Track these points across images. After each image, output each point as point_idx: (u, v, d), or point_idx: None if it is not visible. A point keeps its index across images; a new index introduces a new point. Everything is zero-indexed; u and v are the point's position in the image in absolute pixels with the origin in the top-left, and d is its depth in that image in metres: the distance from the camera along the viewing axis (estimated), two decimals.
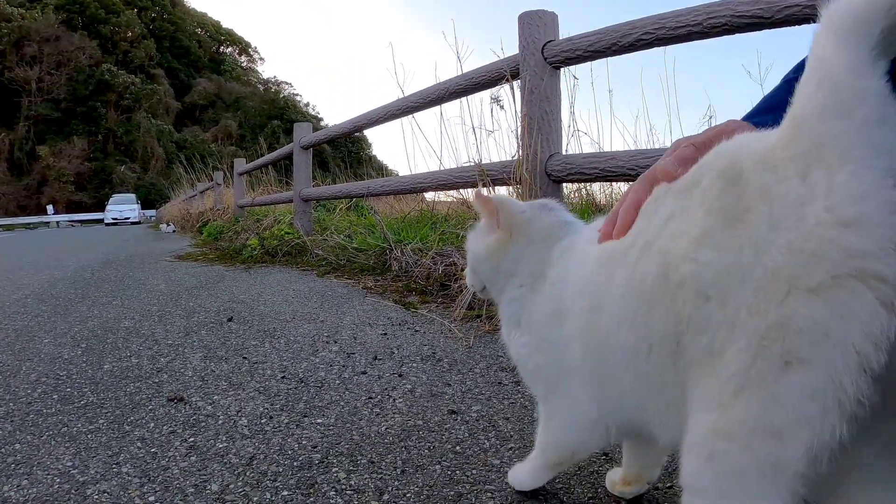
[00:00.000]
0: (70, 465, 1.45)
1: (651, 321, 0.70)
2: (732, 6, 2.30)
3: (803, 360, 0.54)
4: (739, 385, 0.58)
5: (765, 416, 0.57)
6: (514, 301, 1.11)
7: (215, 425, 1.67)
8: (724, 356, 0.60)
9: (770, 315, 0.56)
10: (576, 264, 0.97)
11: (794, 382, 0.55)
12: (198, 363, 2.30)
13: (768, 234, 0.58)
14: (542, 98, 3.23)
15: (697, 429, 0.64)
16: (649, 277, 0.70)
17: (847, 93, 0.57)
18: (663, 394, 0.73)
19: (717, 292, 0.61)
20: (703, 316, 0.62)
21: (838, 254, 0.53)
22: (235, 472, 1.38)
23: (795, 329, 0.54)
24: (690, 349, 0.65)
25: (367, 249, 5.05)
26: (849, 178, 0.54)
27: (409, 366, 2.20)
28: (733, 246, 0.60)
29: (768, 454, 0.57)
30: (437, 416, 1.69)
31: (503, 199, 1.16)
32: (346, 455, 1.46)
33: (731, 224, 0.61)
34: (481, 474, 1.34)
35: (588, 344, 0.88)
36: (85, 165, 61.47)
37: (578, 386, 0.96)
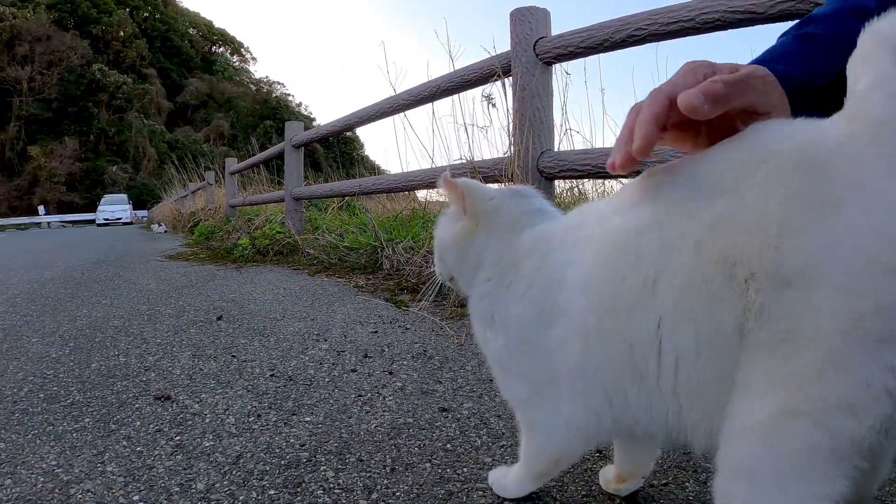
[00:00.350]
0: (55, 464, 1.42)
1: (716, 320, 0.69)
2: (725, 1, 2.29)
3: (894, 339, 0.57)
4: (824, 365, 0.59)
5: (845, 392, 0.58)
6: (485, 298, 1.06)
7: (202, 424, 1.65)
8: (806, 339, 0.60)
9: (865, 297, 0.58)
10: (563, 257, 0.92)
11: (882, 361, 0.57)
12: (186, 362, 2.28)
13: (867, 222, 0.59)
14: (533, 94, 3.22)
15: (756, 411, 0.63)
16: (713, 279, 0.69)
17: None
18: (716, 393, 0.71)
19: (801, 278, 0.61)
20: (781, 303, 0.62)
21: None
22: (221, 470, 1.36)
23: (890, 309, 0.57)
24: (753, 336, 0.65)
25: (359, 248, 5.04)
26: None
27: (399, 363, 2.18)
28: (824, 232, 0.61)
29: (843, 428, 0.58)
30: (428, 414, 1.67)
31: (470, 183, 1.10)
32: (335, 453, 1.43)
33: (820, 211, 0.62)
34: (472, 472, 1.32)
35: (598, 350, 0.84)
36: (76, 166, 61.32)
37: (569, 393, 0.93)
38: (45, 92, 63.88)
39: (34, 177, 59.44)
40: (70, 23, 70.32)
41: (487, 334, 1.07)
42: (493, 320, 1.04)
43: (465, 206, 1.08)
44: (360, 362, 2.21)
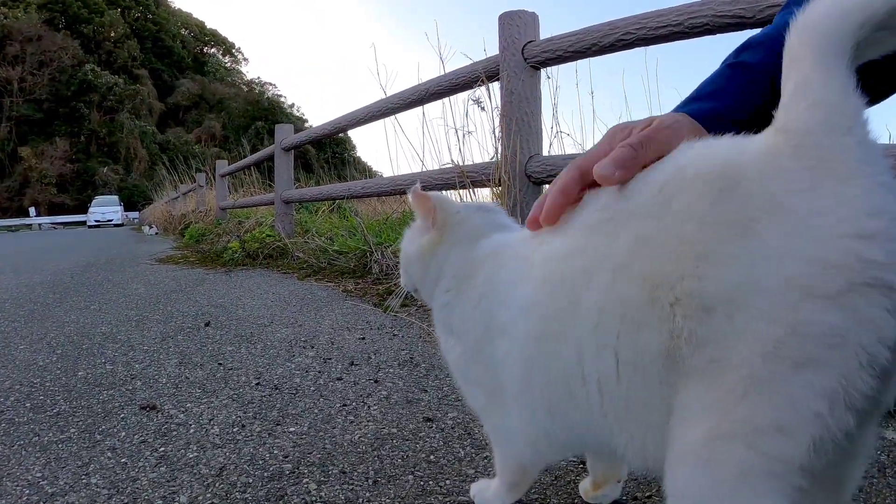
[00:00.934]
0: (40, 476, 1.42)
1: (638, 344, 0.69)
2: (713, 6, 2.29)
3: (816, 361, 0.56)
4: (747, 388, 0.59)
5: (771, 414, 0.58)
6: (444, 307, 1.07)
7: (187, 434, 1.64)
8: (730, 363, 0.60)
9: (785, 321, 0.57)
10: (509, 275, 0.93)
11: (805, 382, 0.57)
12: (172, 370, 2.27)
13: (784, 244, 0.59)
14: (521, 99, 3.22)
15: (690, 437, 0.63)
16: (633, 301, 0.69)
17: (843, 113, 0.61)
18: (643, 416, 0.72)
19: (723, 304, 0.61)
20: (707, 328, 0.62)
21: (858, 263, 0.55)
22: (205, 483, 1.36)
23: (810, 333, 0.56)
24: (688, 362, 0.64)
25: (348, 252, 5.03)
26: (862, 192, 0.57)
27: (385, 371, 2.18)
28: (743, 257, 0.61)
29: (773, 449, 0.58)
30: (412, 424, 1.67)
31: (441, 197, 1.11)
32: (318, 465, 1.43)
33: (737, 235, 0.61)
34: (455, 485, 1.32)
35: (538, 373, 0.85)
36: (67, 167, 61.18)
37: (516, 408, 0.94)
38: (36, 92, 63.74)
39: (25, 178, 59.27)
40: (61, 23, 70.16)
41: (448, 343, 1.08)
42: (452, 329, 1.06)
43: (434, 219, 1.09)
44: (346, 370, 2.20)
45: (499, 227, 1.08)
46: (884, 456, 1.40)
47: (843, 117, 0.60)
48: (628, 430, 0.75)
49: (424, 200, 1.10)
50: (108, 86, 65.98)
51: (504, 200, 3.24)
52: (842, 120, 0.60)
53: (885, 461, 1.38)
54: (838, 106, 0.61)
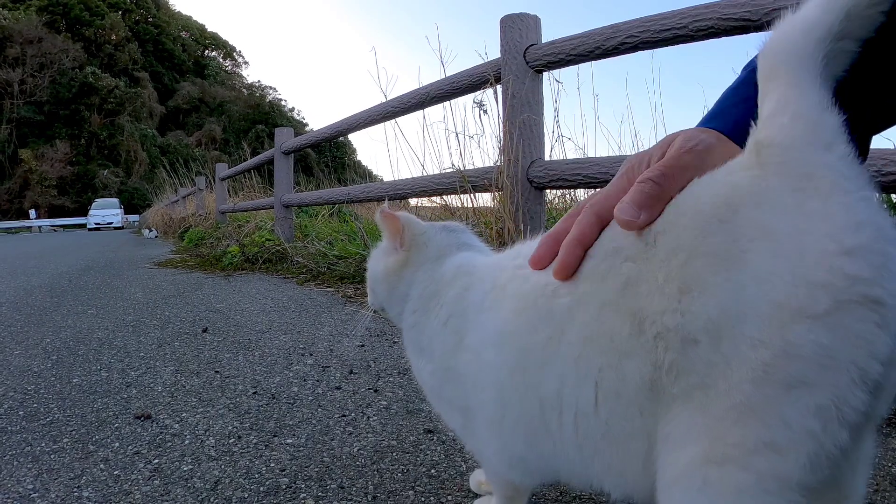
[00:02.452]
0: (31, 489, 1.39)
1: (621, 374, 0.68)
2: (719, 9, 2.27)
3: (808, 382, 0.56)
4: (738, 414, 0.58)
5: (765, 435, 0.57)
6: (413, 328, 1.07)
7: (181, 445, 1.61)
8: (717, 390, 0.60)
9: (774, 344, 0.57)
10: (478, 299, 0.92)
11: (798, 402, 0.56)
12: (168, 377, 2.24)
13: (771, 267, 0.58)
14: (523, 103, 3.19)
15: (681, 461, 0.62)
16: (618, 334, 0.68)
17: (823, 128, 0.61)
18: (622, 445, 0.71)
19: (708, 335, 0.61)
20: (691, 358, 0.62)
21: (843, 281, 0.55)
22: (199, 497, 1.32)
23: (800, 355, 0.56)
24: (669, 391, 0.64)
25: (348, 257, 5.01)
26: (844, 208, 0.57)
27: (385, 380, 2.14)
28: (731, 287, 0.60)
29: (769, 468, 0.57)
30: (413, 436, 1.64)
31: (409, 217, 1.11)
32: (315, 479, 1.40)
33: (726, 266, 0.61)
34: (457, 500, 1.29)
35: (513, 403, 0.84)
36: (67, 169, 61.18)
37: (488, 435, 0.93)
38: (37, 95, 63.77)
39: (25, 180, 59.30)
40: (62, 25, 70.24)
41: (419, 363, 1.07)
42: (421, 349, 1.05)
43: (402, 240, 1.09)
44: (346, 378, 2.17)
45: (463, 247, 1.09)
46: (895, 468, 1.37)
47: (824, 132, 0.61)
48: (605, 460, 0.74)
49: (392, 220, 1.10)
50: (109, 88, 66.04)
51: (506, 205, 3.22)
52: (822, 135, 0.61)
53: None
54: (818, 121, 0.61)
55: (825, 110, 0.61)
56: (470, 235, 1.14)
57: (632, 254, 0.70)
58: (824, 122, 0.61)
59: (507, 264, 0.92)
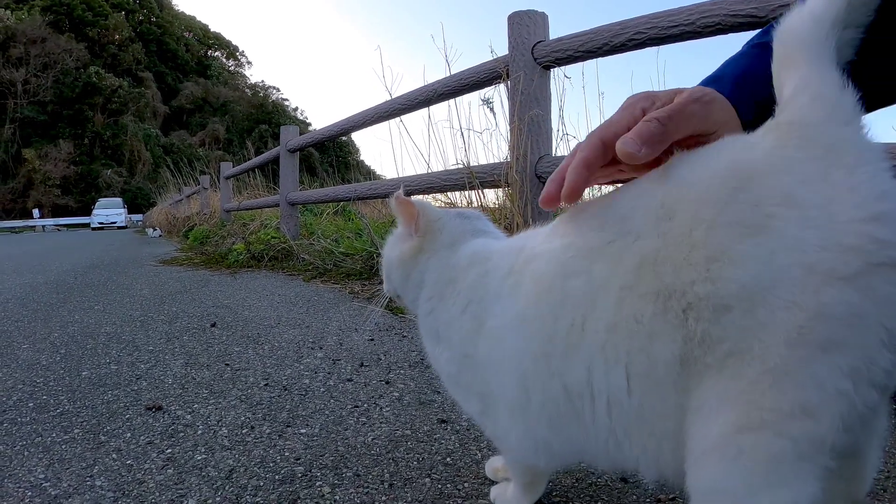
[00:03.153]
0: (42, 478, 1.38)
1: (651, 355, 0.69)
2: (726, 5, 2.27)
3: (840, 342, 0.57)
4: (773, 377, 0.60)
5: (800, 398, 0.59)
6: (429, 315, 1.07)
7: (194, 436, 1.61)
8: (752, 355, 0.61)
9: (807, 306, 0.58)
10: (496, 285, 0.92)
11: (830, 363, 0.58)
12: (178, 370, 2.24)
13: (801, 234, 0.60)
14: (531, 99, 3.19)
15: (713, 432, 0.63)
16: (643, 317, 0.69)
17: (842, 106, 0.64)
18: (657, 426, 0.71)
19: (741, 301, 0.61)
20: (724, 325, 0.63)
21: (873, 244, 0.57)
22: (214, 485, 1.32)
23: (832, 315, 0.57)
24: (700, 361, 0.65)
25: (354, 254, 5.00)
26: (869, 177, 0.60)
27: (396, 372, 2.14)
28: (760, 253, 0.61)
29: (802, 432, 0.59)
30: (427, 426, 1.64)
31: (424, 203, 1.11)
32: (331, 468, 1.39)
33: (751, 233, 0.62)
34: (473, 487, 1.28)
35: (537, 389, 0.84)
36: (71, 169, 61.20)
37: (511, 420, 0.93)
38: (40, 94, 63.81)
39: (29, 180, 59.30)
40: (66, 25, 70.27)
41: (436, 350, 1.07)
42: (438, 335, 1.05)
43: (417, 226, 1.10)
44: (356, 371, 2.17)
45: (479, 233, 1.09)
46: None
47: (842, 110, 0.64)
48: (640, 442, 0.74)
49: (407, 206, 1.10)
50: (113, 88, 66.06)
51: (515, 200, 3.22)
52: (841, 113, 0.64)
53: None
54: (837, 100, 0.64)
55: (843, 90, 0.64)
56: (485, 222, 1.15)
57: (644, 230, 0.70)
58: (843, 101, 0.64)
59: (521, 248, 0.92)
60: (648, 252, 0.69)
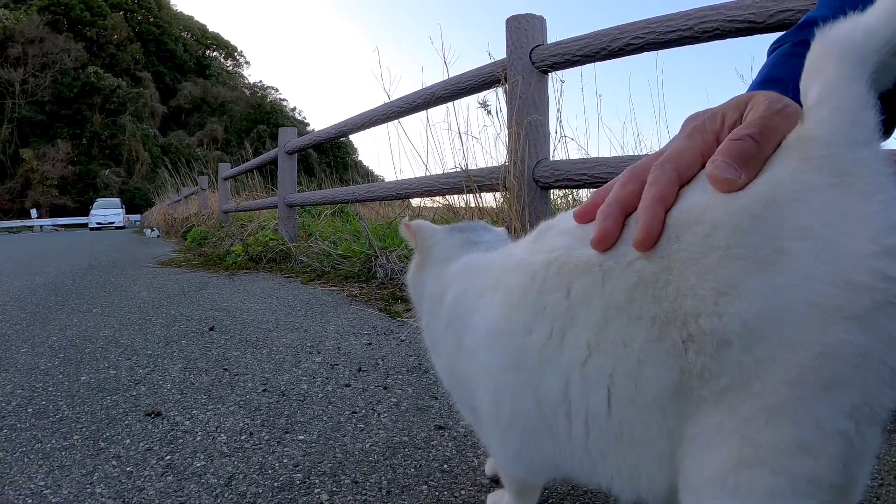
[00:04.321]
0: (42, 485, 1.39)
1: (640, 381, 0.67)
2: (724, 11, 2.27)
3: (842, 382, 0.55)
4: (770, 415, 0.57)
5: (797, 435, 0.56)
6: (426, 328, 1.12)
7: (193, 442, 1.61)
8: (750, 391, 0.59)
9: (811, 345, 0.56)
10: (472, 301, 0.93)
11: (831, 403, 0.55)
12: (177, 375, 2.24)
13: (809, 268, 0.57)
14: (529, 103, 3.20)
15: (710, 465, 0.61)
16: (634, 341, 0.66)
17: (862, 124, 0.59)
18: (637, 449, 0.70)
19: (741, 338, 0.59)
20: (723, 361, 0.60)
21: (883, 282, 0.54)
22: (213, 493, 1.33)
23: (837, 355, 0.55)
24: (701, 393, 0.62)
25: (352, 256, 5.00)
26: (882, 207, 0.56)
27: (394, 378, 2.15)
28: (764, 288, 0.58)
29: (801, 471, 0.56)
30: (424, 432, 1.64)
31: (419, 224, 1.19)
32: (329, 475, 1.40)
33: (762, 267, 0.59)
34: (471, 495, 1.29)
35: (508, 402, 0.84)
36: (69, 169, 61.11)
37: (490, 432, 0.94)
38: (38, 94, 63.73)
39: (26, 180, 59.24)
40: (64, 25, 70.20)
41: (435, 360, 1.12)
42: (435, 347, 1.10)
43: (416, 244, 1.18)
44: (354, 376, 2.18)
45: (471, 246, 1.11)
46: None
47: (863, 128, 0.59)
48: (615, 463, 0.73)
49: (408, 228, 1.20)
50: (111, 88, 65.98)
51: (512, 204, 3.22)
52: (860, 133, 0.59)
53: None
54: (857, 117, 0.60)
55: (866, 107, 0.60)
56: (481, 233, 1.17)
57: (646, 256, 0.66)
58: (863, 119, 0.60)
59: (500, 261, 0.91)
60: (647, 274, 0.66)
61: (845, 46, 0.62)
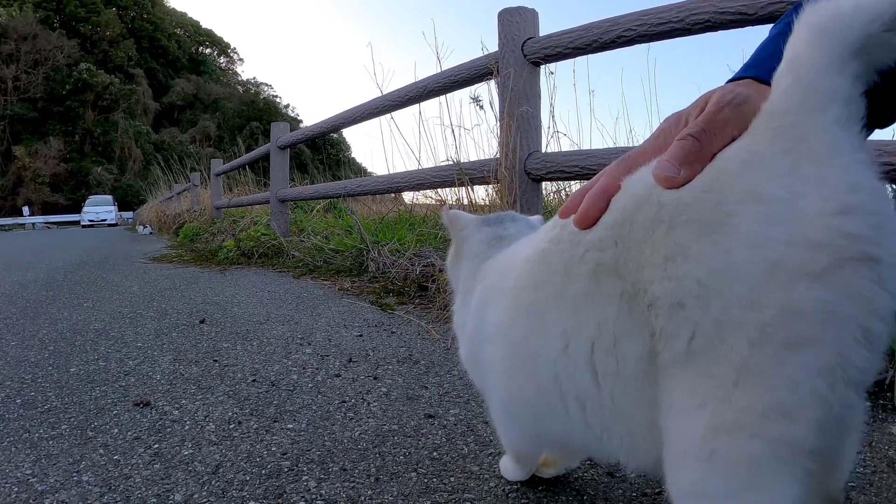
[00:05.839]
0: (29, 474, 1.38)
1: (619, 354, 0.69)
2: (715, 2, 2.26)
3: (812, 340, 0.56)
4: (740, 375, 0.58)
5: (772, 398, 0.57)
6: (455, 314, 1.18)
7: (181, 431, 1.61)
8: (716, 353, 0.59)
9: (772, 304, 0.56)
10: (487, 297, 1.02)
11: (803, 362, 0.56)
12: (167, 366, 2.23)
13: (763, 230, 0.58)
14: (521, 95, 3.19)
15: (688, 433, 0.62)
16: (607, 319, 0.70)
17: (819, 91, 0.61)
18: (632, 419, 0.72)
19: (696, 299, 0.60)
20: (676, 322, 0.62)
21: (842, 239, 0.55)
22: (200, 480, 1.32)
23: (802, 312, 0.56)
24: (674, 356, 0.63)
25: (344, 250, 5.00)
26: (841, 169, 0.58)
27: (384, 368, 2.14)
28: (717, 250, 0.59)
29: (780, 435, 0.57)
30: (414, 421, 1.64)
31: (454, 214, 1.22)
32: (317, 462, 1.40)
33: (710, 231, 0.60)
34: (459, 482, 1.29)
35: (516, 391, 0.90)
36: (61, 166, 60.96)
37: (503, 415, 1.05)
38: (31, 91, 63.55)
39: (18, 177, 59.09)
40: (56, 21, 70.01)
41: (459, 343, 1.18)
42: (461, 334, 1.15)
43: (452, 234, 1.22)
44: (345, 367, 2.17)
45: (497, 241, 1.15)
46: (892, 451, 1.39)
47: (820, 95, 0.61)
48: (617, 435, 0.75)
49: (444, 216, 1.24)
50: (104, 85, 65.80)
51: (504, 197, 3.22)
52: (818, 98, 0.61)
53: (893, 456, 1.37)
54: (815, 83, 0.61)
55: (827, 73, 0.61)
56: (507, 225, 1.19)
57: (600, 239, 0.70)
58: (822, 84, 0.61)
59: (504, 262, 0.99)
60: (606, 258, 0.69)
61: (815, 21, 0.63)
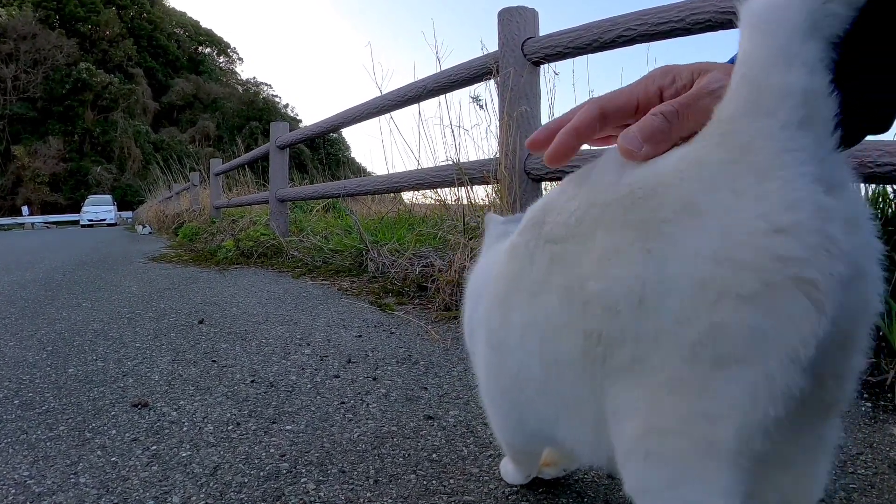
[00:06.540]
0: (27, 475, 1.37)
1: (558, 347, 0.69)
2: (716, 2, 2.26)
3: (738, 360, 0.54)
4: (672, 387, 0.57)
5: (697, 405, 0.56)
6: None
7: (179, 432, 1.60)
8: (650, 364, 0.59)
9: (701, 323, 0.55)
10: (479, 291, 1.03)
11: (728, 378, 0.55)
12: (165, 367, 2.23)
13: (694, 245, 0.55)
14: (521, 95, 3.19)
15: (627, 433, 0.63)
16: (551, 310, 0.69)
17: (767, 92, 0.55)
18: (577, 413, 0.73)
19: (628, 306, 0.59)
20: (616, 329, 0.61)
21: (773, 262, 0.52)
22: (198, 482, 1.31)
23: (728, 334, 0.54)
24: (607, 362, 0.63)
25: (344, 250, 5.00)
26: (781, 184, 0.53)
27: (383, 369, 2.14)
28: (649, 258, 0.58)
29: (703, 434, 0.57)
30: (413, 422, 1.63)
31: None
32: (316, 464, 1.39)
33: (645, 237, 0.58)
34: (459, 484, 1.28)
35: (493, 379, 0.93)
36: (60, 166, 61.05)
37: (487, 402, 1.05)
38: (30, 91, 63.62)
39: (18, 177, 59.16)
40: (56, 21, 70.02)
41: None
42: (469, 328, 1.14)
43: None
44: (344, 367, 2.16)
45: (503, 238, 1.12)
46: (893, 452, 1.39)
47: (766, 95, 0.55)
48: (568, 425, 0.76)
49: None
50: (103, 85, 65.87)
51: (503, 197, 3.21)
52: (764, 99, 0.55)
53: (894, 457, 1.37)
54: (760, 82, 0.56)
55: (773, 68, 0.55)
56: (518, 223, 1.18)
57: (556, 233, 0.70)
58: (768, 83, 0.55)
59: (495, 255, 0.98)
60: (558, 250, 0.69)
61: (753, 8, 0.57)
